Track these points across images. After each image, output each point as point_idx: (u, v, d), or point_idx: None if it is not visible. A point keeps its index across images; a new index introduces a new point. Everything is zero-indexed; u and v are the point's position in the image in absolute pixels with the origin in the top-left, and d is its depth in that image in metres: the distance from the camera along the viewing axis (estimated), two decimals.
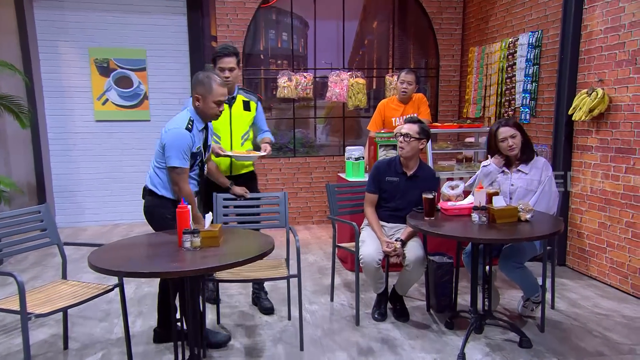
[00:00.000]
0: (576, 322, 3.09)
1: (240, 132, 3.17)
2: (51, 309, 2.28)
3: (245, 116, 3.17)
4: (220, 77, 2.64)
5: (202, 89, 2.57)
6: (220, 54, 3.02)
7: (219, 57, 3.02)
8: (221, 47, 3.05)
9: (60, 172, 5.80)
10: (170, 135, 2.54)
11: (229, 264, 2.06)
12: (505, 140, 2.90)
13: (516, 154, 2.93)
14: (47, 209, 2.75)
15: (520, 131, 2.92)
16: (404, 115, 4.23)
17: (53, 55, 5.60)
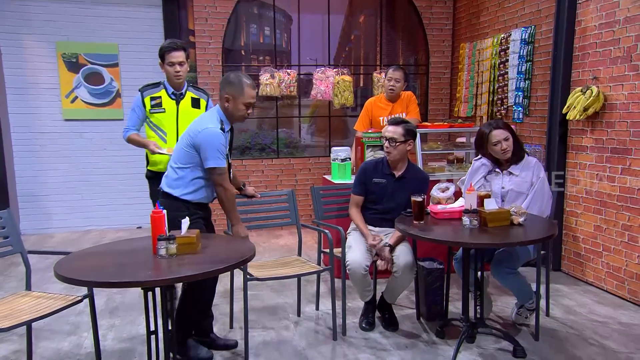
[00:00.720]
0: (572, 329, 3.13)
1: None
2: (13, 322, 2.23)
3: (193, 113, 3.17)
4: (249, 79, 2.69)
5: (232, 89, 2.63)
6: (169, 48, 3.08)
7: (168, 52, 3.08)
8: (168, 41, 3.14)
9: (25, 174, 5.69)
10: (205, 136, 2.60)
11: (206, 272, 2.04)
12: (499, 143, 2.92)
13: (509, 156, 2.96)
14: (9, 214, 2.69)
15: (511, 132, 2.95)
16: (392, 114, 4.25)
17: (16, 49, 5.50)
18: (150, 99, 3.15)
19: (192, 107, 3.22)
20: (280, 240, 5.39)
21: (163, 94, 3.17)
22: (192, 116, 3.15)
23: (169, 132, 3.16)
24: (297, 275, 3.02)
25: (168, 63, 3.08)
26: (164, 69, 3.12)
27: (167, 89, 3.18)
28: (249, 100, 2.65)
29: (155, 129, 3.18)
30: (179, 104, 3.18)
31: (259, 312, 3.46)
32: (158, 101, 3.15)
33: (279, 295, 3.78)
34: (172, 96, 3.17)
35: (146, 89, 3.19)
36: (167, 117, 3.16)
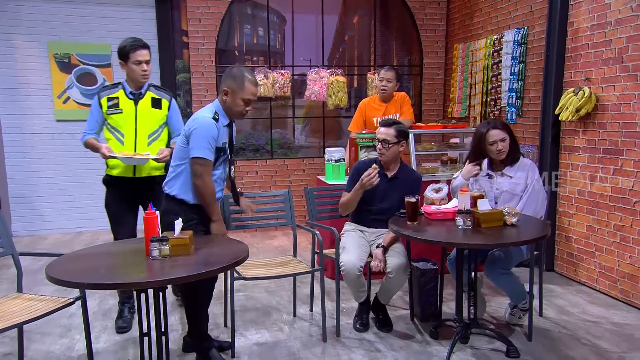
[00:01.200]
0: (565, 329, 3.15)
1: (147, 131, 3.09)
2: (4, 325, 2.21)
3: (154, 114, 3.11)
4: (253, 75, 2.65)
5: (233, 83, 2.59)
6: (135, 45, 2.99)
7: (134, 50, 2.98)
8: (132, 40, 3.02)
9: (16, 176, 5.65)
10: (195, 124, 2.56)
11: (199, 273, 2.04)
12: (495, 143, 2.93)
13: (504, 157, 2.97)
14: (0, 216, 2.67)
15: (509, 133, 2.96)
16: (385, 115, 4.26)
17: (8, 49, 5.46)
18: (107, 100, 3.05)
19: (152, 107, 3.10)
20: (274, 242, 5.38)
21: (121, 94, 3.07)
22: (151, 117, 3.10)
23: (127, 133, 3.06)
24: (286, 275, 3.01)
25: (134, 62, 2.98)
26: (128, 68, 3.01)
27: (125, 89, 3.08)
28: (248, 96, 2.61)
29: (113, 130, 3.08)
30: (137, 103, 3.07)
31: (253, 313, 3.46)
32: (115, 102, 3.05)
33: (273, 296, 3.77)
34: (130, 96, 3.07)
35: (104, 90, 3.10)
36: (124, 117, 3.05)
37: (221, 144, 2.64)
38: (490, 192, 2.99)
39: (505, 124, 3.00)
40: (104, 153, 2.97)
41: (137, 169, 3.09)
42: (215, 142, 2.58)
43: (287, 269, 3.05)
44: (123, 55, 3.00)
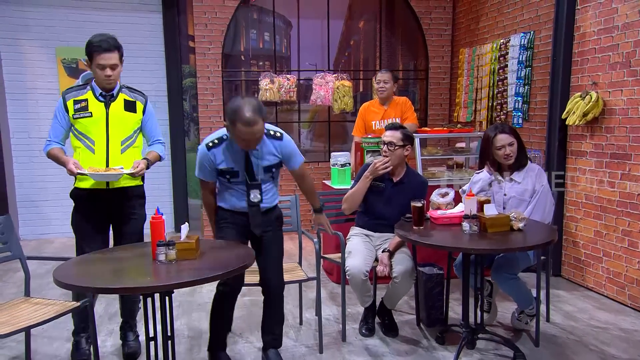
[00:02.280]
0: (572, 335, 3.13)
1: (120, 137, 2.77)
2: (12, 329, 2.23)
3: (127, 118, 2.79)
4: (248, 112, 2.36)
5: (228, 120, 2.44)
6: (98, 47, 2.61)
7: (98, 52, 2.61)
8: (99, 38, 2.64)
9: (24, 180, 5.69)
10: None
11: (205, 278, 2.04)
12: (503, 148, 2.93)
13: (511, 161, 2.96)
14: (8, 220, 2.70)
15: (517, 138, 2.95)
16: (384, 119, 4.28)
17: (16, 54, 5.52)
18: (73, 102, 2.70)
19: (126, 110, 2.79)
20: None
21: (89, 96, 2.73)
22: (125, 121, 2.79)
23: (97, 139, 2.72)
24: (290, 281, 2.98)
25: (97, 65, 2.63)
26: (91, 69, 2.68)
27: (95, 90, 2.73)
28: (242, 136, 2.41)
29: (81, 137, 2.73)
30: (108, 107, 2.73)
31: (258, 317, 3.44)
32: (83, 104, 2.70)
33: None
34: (100, 98, 2.72)
35: (69, 91, 2.75)
36: (94, 122, 2.71)
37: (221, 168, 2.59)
38: (498, 198, 2.99)
39: (513, 128, 2.99)
40: (72, 169, 2.61)
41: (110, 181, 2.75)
42: (210, 165, 2.59)
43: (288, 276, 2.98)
44: (88, 54, 2.66)
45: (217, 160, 2.58)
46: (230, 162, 2.58)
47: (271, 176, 2.71)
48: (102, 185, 2.73)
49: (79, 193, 2.77)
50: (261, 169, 2.63)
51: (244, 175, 2.61)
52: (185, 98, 5.93)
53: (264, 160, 2.63)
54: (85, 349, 2.82)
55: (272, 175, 2.71)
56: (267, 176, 2.68)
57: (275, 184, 2.79)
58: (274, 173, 2.72)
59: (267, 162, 2.64)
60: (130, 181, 2.79)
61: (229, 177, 2.62)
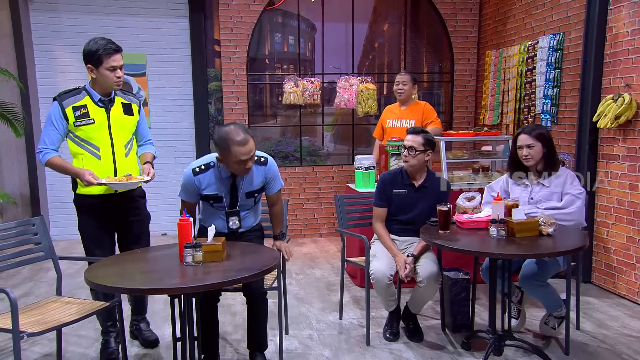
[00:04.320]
0: (603, 344, 3.04)
1: (123, 141, 2.80)
2: (44, 327, 2.29)
3: (127, 121, 2.81)
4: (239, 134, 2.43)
5: (221, 152, 2.50)
6: (109, 50, 2.63)
7: (109, 55, 2.63)
8: (105, 42, 2.65)
9: (55, 182, 5.84)
10: None
11: (232, 279, 2.07)
12: (521, 148, 2.90)
13: (532, 165, 2.91)
14: (41, 221, 2.77)
15: (542, 142, 2.89)
16: (399, 119, 4.27)
17: (49, 59, 5.68)
18: (72, 109, 2.67)
19: (125, 114, 2.80)
20: (303, 249, 5.40)
21: (88, 102, 2.70)
22: (125, 124, 2.80)
23: (102, 146, 2.72)
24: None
25: (109, 67, 2.64)
26: (99, 73, 2.65)
27: (93, 96, 2.71)
28: (239, 157, 2.44)
29: (84, 144, 2.71)
30: (109, 112, 2.74)
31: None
32: (83, 111, 2.67)
33: (302, 303, 3.78)
34: (99, 103, 2.72)
35: (65, 97, 2.69)
36: (96, 128, 2.70)
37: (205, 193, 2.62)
38: (524, 202, 2.93)
39: (541, 133, 2.91)
40: (90, 181, 2.58)
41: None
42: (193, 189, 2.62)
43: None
44: (94, 59, 2.63)
45: (202, 185, 2.63)
46: (216, 188, 2.63)
47: (253, 201, 2.76)
48: (111, 190, 2.75)
49: (85, 199, 2.79)
50: (244, 195, 2.68)
51: (227, 201, 2.67)
52: (211, 101, 6.01)
53: (250, 186, 2.68)
54: (113, 347, 2.87)
55: (254, 200, 2.76)
56: (249, 202, 2.73)
57: (255, 209, 2.83)
58: (257, 198, 2.77)
59: (251, 188, 2.69)
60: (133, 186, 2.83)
61: (212, 202, 2.68)
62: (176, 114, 5.97)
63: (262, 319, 2.73)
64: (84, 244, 2.90)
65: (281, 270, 2.87)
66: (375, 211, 3.19)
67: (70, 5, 5.63)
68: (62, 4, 5.62)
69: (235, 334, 3.25)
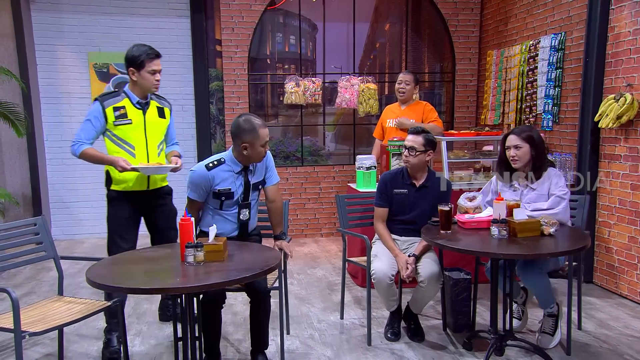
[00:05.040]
0: (605, 344, 3.04)
1: (156, 142, 3.02)
2: (46, 327, 2.29)
3: (160, 123, 3.04)
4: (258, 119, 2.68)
5: (248, 136, 2.62)
6: (152, 55, 2.89)
7: (151, 58, 2.87)
8: (147, 48, 2.90)
9: (56, 182, 5.86)
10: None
11: (234, 279, 2.07)
12: (509, 149, 2.89)
13: (519, 166, 2.90)
14: (43, 221, 2.78)
15: (530, 144, 2.86)
16: (398, 117, 4.26)
17: (50, 59, 5.69)
18: (112, 110, 2.86)
19: (159, 117, 3.03)
20: (304, 248, 5.40)
21: (127, 104, 2.90)
22: (159, 127, 3.03)
23: (138, 145, 2.93)
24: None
25: (149, 70, 2.87)
26: (139, 76, 2.87)
27: (132, 98, 2.91)
28: (265, 140, 2.67)
29: (121, 142, 2.90)
30: (145, 113, 2.95)
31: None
32: (122, 112, 2.87)
33: (303, 303, 3.78)
34: (137, 105, 2.93)
35: (106, 98, 2.89)
36: (134, 128, 2.90)
37: (218, 188, 2.68)
38: None
39: (530, 135, 2.86)
40: (124, 166, 2.76)
41: (151, 181, 2.99)
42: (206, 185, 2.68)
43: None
44: (137, 63, 2.86)
45: (216, 180, 2.69)
46: (229, 183, 2.71)
47: (257, 195, 2.86)
48: (143, 186, 2.97)
49: (117, 195, 2.98)
50: (251, 187, 2.79)
51: (239, 195, 2.74)
52: (212, 101, 6.01)
53: (256, 177, 2.82)
54: (115, 347, 2.88)
55: (257, 194, 2.87)
56: (254, 195, 2.84)
57: (256, 205, 2.91)
58: (259, 191, 2.88)
59: (257, 179, 2.82)
60: (162, 182, 3.08)
61: (224, 198, 2.72)
62: (177, 113, 5.93)
63: (265, 318, 2.74)
64: (109, 235, 3.06)
65: (282, 270, 2.86)
66: (376, 211, 3.19)
67: (72, 5, 5.64)
68: (64, 4, 5.62)
69: (236, 333, 3.25)
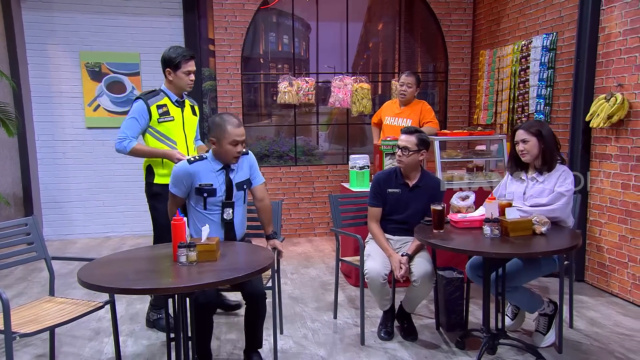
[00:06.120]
0: (597, 342, 3.06)
1: (192, 137, 3.23)
2: (37, 328, 2.28)
3: (194, 120, 3.25)
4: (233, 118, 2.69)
5: (216, 132, 2.66)
6: (187, 56, 3.07)
7: (186, 60, 3.06)
8: (183, 50, 3.10)
9: (48, 181, 5.82)
10: None
11: (226, 279, 2.06)
12: (517, 143, 2.91)
13: (529, 160, 2.91)
14: (34, 221, 2.76)
15: (537, 137, 2.88)
16: (397, 117, 4.28)
17: (42, 59, 5.64)
18: (156, 108, 3.04)
19: (192, 114, 3.24)
20: (297, 248, 5.40)
21: (167, 102, 3.09)
22: (193, 123, 3.23)
23: (179, 140, 3.12)
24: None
25: (185, 71, 3.06)
26: (175, 76, 3.06)
27: (170, 97, 3.11)
28: (233, 138, 2.63)
29: (163, 139, 3.07)
30: (183, 111, 3.16)
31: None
32: (165, 109, 3.06)
33: (297, 303, 3.78)
34: (176, 104, 3.13)
35: (149, 97, 3.06)
36: (175, 125, 3.09)
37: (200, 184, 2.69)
38: (519, 196, 2.93)
39: (538, 129, 2.87)
40: (180, 157, 2.91)
41: None
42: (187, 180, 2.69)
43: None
44: (173, 64, 3.05)
45: (197, 175, 2.70)
46: (210, 178, 2.71)
47: (243, 194, 2.84)
48: None
49: (163, 188, 2.99)
50: (234, 186, 2.78)
51: (222, 193, 2.73)
52: (205, 101, 5.99)
53: (239, 176, 2.80)
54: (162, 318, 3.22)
55: (244, 193, 2.84)
56: (239, 194, 2.81)
57: (244, 208, 2.89)
58: (245, 191, 2.86)
59: (240, 179, 2.80)
60: None
61: (206, 195, 2.71)
62: None
63: (260, 320, 2.74)
64: (156, 232, 3.14)
65: (276, 270, 2.86)
66: (369, 211, 3.19)
67: (64, 3, 5.60)
68: (55, 2, 5.58)
69: (230, 333, 3.25)
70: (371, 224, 3.18)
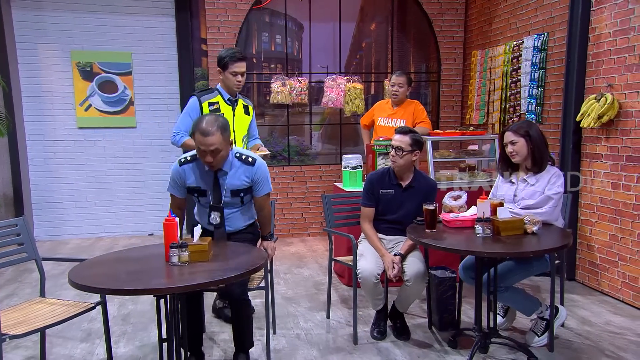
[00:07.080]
0: (587, 340, 3.08)
1: (242, 135, 3.33)
2: (28, 329, 2.26)
3: (245, 119, 3.34)
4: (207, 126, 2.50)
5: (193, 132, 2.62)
6: (233, 57, 3.15)
7: (233, 61, 3.14)
8: (233, 51, 3.19)
9: (39, 182, 5.77)
10: None
11: (218, 280, 2.05)
12: (507, 145, 2.92)
13: (519, 161, 2.93)
14: (24, 222, 2.73)
15: (526, 138, 2.89)
16: (390, 118, 4.28)
17: (32, 58, 5.60)
18: (208, 104, 3.16)
19: (244, 113, 3.33)
20: (291, 248, 5.40)
21: (220, 100, 3.21)
22: (244, 122, 3.33)
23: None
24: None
25: (232, 72, 3.15)
26: (224, 76, 3.18)
27: (223, 95, 3.23)
28: (199, 146, 2.51)
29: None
30: (234, 110, 3.25)
31: None
32: (216, 107, 3.18)
33: (290, 303, 3.78)
34: (228, 102, 3.23)
35: (202, 94, 3.21)
36: None
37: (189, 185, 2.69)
38: (510, 198, 2.95)
39: (526, 130, 2.88)
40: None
41: None
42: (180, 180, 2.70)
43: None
44: (222, 64, 3.17)
45: (187, 176, 2.68)
46: (199, 181, 2.68)
47: (240, 201, 2.76)
48: None
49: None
50: (228, 192, 2.70)
51: (211, 195, 2.71)
52: None
53: (232, 183, 2.69)
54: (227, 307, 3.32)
55: (241, 199, 2.76)
56: (234, 200, 2.73)
57: (243, 211, 2.82)
58: (243, 198, 2.76)
59: (235, 186, 2.70)
60: None
61: (197, 195, 2.72)
62: (162, 113, 5.92)
63: (244, 323, 2.73)
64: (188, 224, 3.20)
65: (268, 270, 2.85)
66: (362, 211, 3.19)
67: (54, 2, 5.56)
68: (46, 1, 5.54)
69: (222, 333, 3.24)
70: (364, 224, 3.18)
